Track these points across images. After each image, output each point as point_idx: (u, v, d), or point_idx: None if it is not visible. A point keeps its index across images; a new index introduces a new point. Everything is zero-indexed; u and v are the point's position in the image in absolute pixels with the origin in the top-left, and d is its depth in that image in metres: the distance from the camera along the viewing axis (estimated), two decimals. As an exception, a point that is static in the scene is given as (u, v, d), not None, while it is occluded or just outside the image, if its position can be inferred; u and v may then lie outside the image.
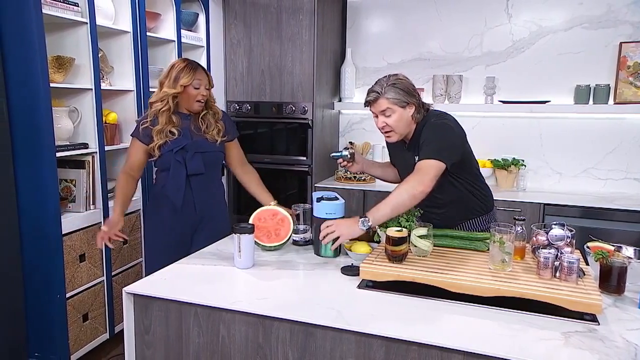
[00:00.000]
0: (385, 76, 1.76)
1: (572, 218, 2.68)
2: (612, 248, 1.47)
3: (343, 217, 1.73)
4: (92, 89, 2.25)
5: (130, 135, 1.97)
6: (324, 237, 1.61)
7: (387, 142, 1.96)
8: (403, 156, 1.87)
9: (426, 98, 3.33)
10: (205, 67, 3.09)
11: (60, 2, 2.05)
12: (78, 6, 2.14)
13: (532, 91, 3.12)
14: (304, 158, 3.28)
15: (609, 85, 2.89)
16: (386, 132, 1.79)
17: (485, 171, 3.13)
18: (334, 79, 3.46)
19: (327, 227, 1.60)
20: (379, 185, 3.19)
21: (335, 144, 3.61)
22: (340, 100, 3.53)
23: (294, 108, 3.21)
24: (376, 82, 1.76)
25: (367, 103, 1.77)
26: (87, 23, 2.18)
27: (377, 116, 1.77)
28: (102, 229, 1.92)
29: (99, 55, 2.32)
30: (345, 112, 3.61)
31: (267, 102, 3.27)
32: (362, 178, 3.25)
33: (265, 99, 3.28)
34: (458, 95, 3.23)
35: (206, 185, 1.99)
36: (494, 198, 2.65)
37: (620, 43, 2.86)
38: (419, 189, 1.56)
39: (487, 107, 3.18)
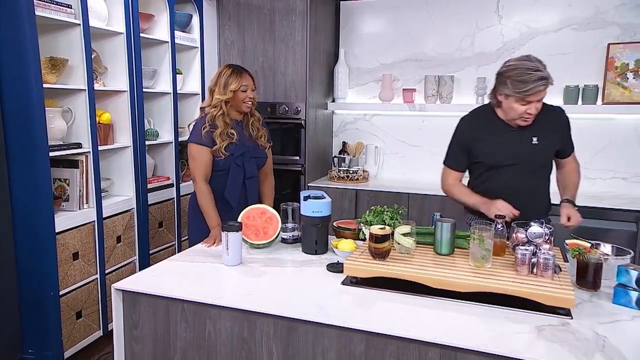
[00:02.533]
0: (528, 59, 1.68)
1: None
2: (589, 245, 1.51)
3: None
4: (85, 90, 2.28)
5: (190, 142, 2.04)
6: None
7: (469, 130, 1.91)
8: (507, 141, 1.83)
9: (419, 98, 3.37)
10: (199, 68, 3.15)
11: (53, 4, 2.08)
12: (71, 8, 2.17)
13: (522, 91, 3.14)
14: (297, 158, 3.31)
15: (597, 85, 2.92)
16: (528, 118, 1.75)
17: (476, 171, 3.17)
18: (327, 80, 3.50)
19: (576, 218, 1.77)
20: (372, 185, 3.23)
21: (329, 143, 3.65)
22: (333, 101, 3.57)
23: (287, 108, 3.25)
24: (530, 68, 1.65)
25: (532, 93, 1.66)
26: (80, 24, 2.21)
27: (527, 103, 1.70)
28: (211, 239, 1.95)
29: (93, 56, 2.36)
30: (339, 112, 3.64)
31: (261, 102, 3.29)
32: (355, 177, 3.28)
33: (259, 99, 3.29)
34: (450, 96, 3.26)
35: (256, 186, 2.20)
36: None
37: (608, 44, 2.90)
38: None
39: (478, 107, 3.21)
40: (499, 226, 1.56)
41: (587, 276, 1.43)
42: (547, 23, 3.06)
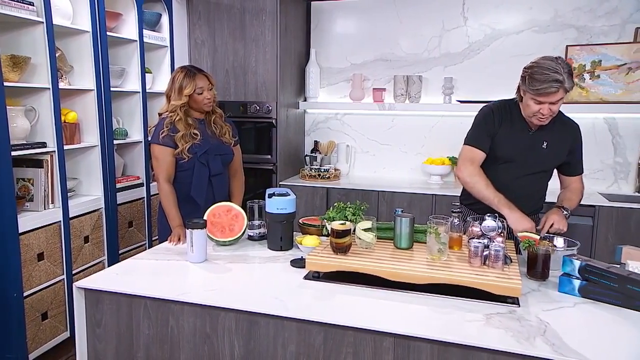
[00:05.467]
0: (552, 59, 1.65)
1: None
2: (538, 237, 1.58)
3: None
4: (49, 88, 2.25)
5: (151, 143, 2.06)
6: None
7: (497, 118, 1.85)
8: (522, 140, 1.84)
9: (388, 98, 3.43)
10: (169, 67, 3.14)
11: (13, 1, 2.05)
12: (33, 5, 2.14)
13: (487, 91, 3.24)
14: (269, 156, 3.33)
15: (557, 85, 3.03)
16: (542, 119, 1.73)
17: (444, 168, 3.26)
18: (298, 79, 3.53)
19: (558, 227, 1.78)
20: (343, 183, 3.28)
21: (301, 142, 3.68)
22: (305, 100, 3.60)
23: (258, 107, 3.27)
24: (548, 68, 1.62)
25: (543, 94, 1.64)
26: (43, 22, 2.18)
27: (539, 103, 1.68)
28: (174, 237, 1.96)
29: (57, 54, 2.33)
30: (311, 111, 3.68)
31: (232, 101, 3.32)
32: (327, 176, 3.32)
33: (230, 98, 3.33)
34: (418, 95, 3.34)
35: (224, 183, 2.20)
36: (453, 194, 2.76)
37: (567, 46, 3.01)
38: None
39: (446, 106, 3.29)
40: (455, 220, 1.62)
41: (536, 267, 1.51)
42: (510, 25, 3.16)
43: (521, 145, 1.86)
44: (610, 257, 2.43)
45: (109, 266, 2.66)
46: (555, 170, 2.01)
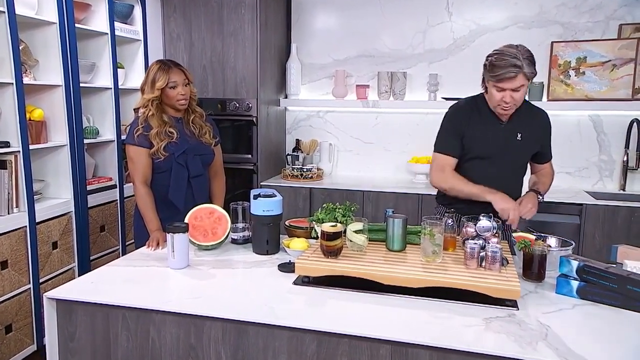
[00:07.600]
0: (512, 47, 1.67)
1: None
2: (534, 237, 1.54)
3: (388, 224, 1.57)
4: (12, 83, 2.10)
5: (126, 144, 1.95)
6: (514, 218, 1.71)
7: (463, 116, 1.83)
8: (495, 133, 1.81)
9: (372, 94, 3.37)
10: (143, 62, 2.99)
11: (-28, -12, 1.90)
12: (-6, -7, 1.99)
13: (472, 88, 3.15)
14: (250, 156, 3.23)
15: (542, 82, 3.03)
16: (506, 107, 1.71)
17: (428, 166, 3.22)
18: (279, 75, 3.43)
19: (515, 210, 1.70)
20: (326, 183, 3.20)
21: (282, 141, 3.59)
22: (286, 97, 3.51)
23: (237, 105, 3.16)
24: (507, 54, 1.64)
25: (503, 79, 1.64)
26: (4, 12, 2.03)
27: (501, 90, 1.67)
28: (153, 242, 1.84)
29: (21, 47, 2.18)
30: (292, 109, 3.59)
31: (211, 98, 3.19)
32: (309, 176, 3.24)
33: (208, 95, 3.20)
34: (402, 92, 3.29)
35: (204, 185, 2.09)
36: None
37: (552, 42, 3.01)
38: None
39: (431, 103, 3.25)
40: (449, 221, 1.57)
41: (532, 268, 1.46)
42: (495, 20, 3.14)
43: (496, 139, 1.82)
44: (598, 256, 2.44)
45: (79, 273, 2.53)
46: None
